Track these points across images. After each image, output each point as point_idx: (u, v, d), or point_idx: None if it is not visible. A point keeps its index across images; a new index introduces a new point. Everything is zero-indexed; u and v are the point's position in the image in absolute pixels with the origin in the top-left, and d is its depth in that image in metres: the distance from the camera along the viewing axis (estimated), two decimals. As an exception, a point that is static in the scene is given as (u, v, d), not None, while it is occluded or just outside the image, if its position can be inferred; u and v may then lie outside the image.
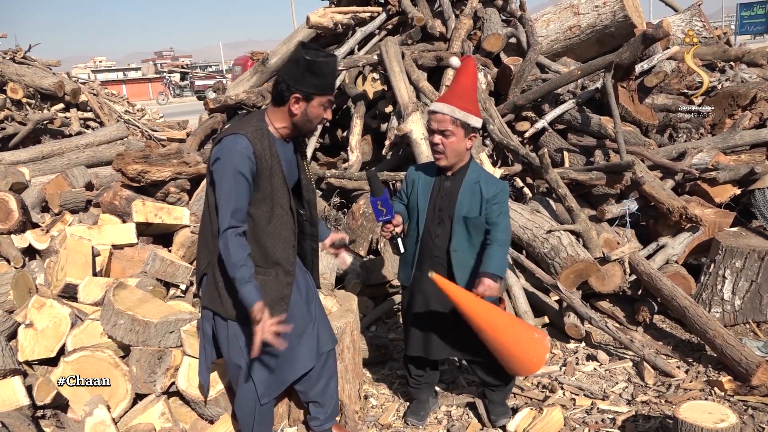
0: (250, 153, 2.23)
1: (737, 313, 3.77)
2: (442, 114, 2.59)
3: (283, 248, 2.40)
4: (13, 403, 2.76)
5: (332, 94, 2.35)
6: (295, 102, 2.26)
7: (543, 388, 3.31)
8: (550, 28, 5.87)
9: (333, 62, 2.27)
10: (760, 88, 5.29)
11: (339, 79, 5.87)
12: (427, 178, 2.78)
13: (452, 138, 2.60)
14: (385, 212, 2.58)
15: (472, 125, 2.61)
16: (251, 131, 2.27)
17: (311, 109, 2.29)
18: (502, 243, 2.64)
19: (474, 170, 2.73)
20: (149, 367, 2.88)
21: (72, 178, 5.12)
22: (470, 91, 2.67)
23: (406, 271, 2.87)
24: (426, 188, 2.77)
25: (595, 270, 3.76)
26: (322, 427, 2.73)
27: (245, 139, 2.24)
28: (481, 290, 2.53)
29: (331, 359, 2.67)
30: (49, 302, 3.18)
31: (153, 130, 10.66)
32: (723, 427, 2.36)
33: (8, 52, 9.58)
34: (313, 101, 2.27)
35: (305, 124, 2.34)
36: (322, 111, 2.33)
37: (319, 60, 2.20)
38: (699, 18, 6.75)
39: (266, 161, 2.28)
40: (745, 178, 4.36)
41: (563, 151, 4.68)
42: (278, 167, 2.32)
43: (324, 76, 2.24)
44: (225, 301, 2.36)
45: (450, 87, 2.74)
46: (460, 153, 2.65)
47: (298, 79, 2.22)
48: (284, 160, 2.36)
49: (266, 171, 2.29)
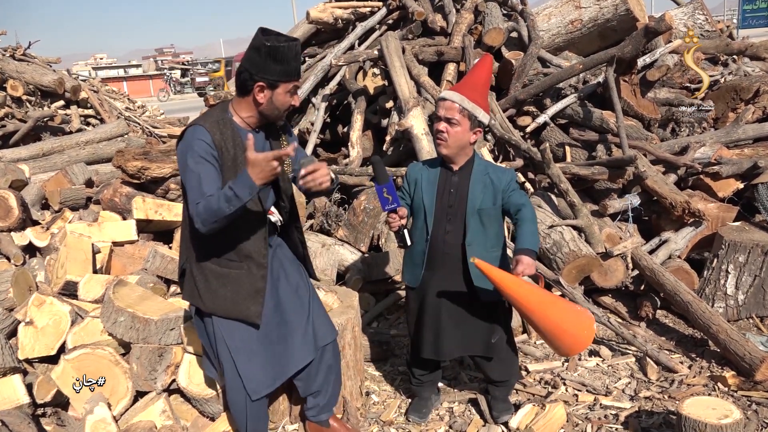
0: (209, 141, 2.18)
1: (740, 308, 3.75)
2: (451, 101, 2.56)
3: (253, 240, 2.35)
4: (13, 402, 2.76)
5: (298, 80, 2.27)
6: (259, 91, 2.20)
7: (545, 384, 3.30)
8: (551, 22, 5.84)
9: (295, 47, 2.18)
10: (763, 81, 5.26)
11: (339, 75, 5.86)
12: (431, 175, 2.73)
13: (457, 128, 2.56)
14: (391, 200, 2.53)
15: (479, 119, 2.59)
16: (210, 122, 2.23)
17: (277, 96, 2.22)
18: (532, 219, 2.60)
19: (480, 163, 2.71)
20: (150, 365, 2.87)
21: (72, 175, 5.11)
22: (483, 85, 2.64)
23: (414, 271, 2.78)
24: (431, 185, 2.71)
25: (598, 265, 3.74)
26: (318, 417, 2.69)
27: (202, 128, 2.19)
28: (520, 270, 2.45)
29: (329, 352, 2.62)
30: (50, 300, 3.17)
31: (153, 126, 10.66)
32: (727, 423, 2.35)
33: (8, 49, 9.57)
34: (278, 88, 2.20)
35: (272, 112, 2.27)
36: (289, 98, 2.25)
37: (281, 45, 2.12)
38: (701, 11, 6.72)
39: (228, 151, 2.23)
40: (748, 172, 4.33)
41: (565, 145, 4.66)
42: (244, 157, 2.21)
43: (287, 61, 2.16)
44: (203, 295, 2.34)
45: (464, 78, 2.71)
46: (462, 144, 2.61)
47: (260, 67, 2.15)
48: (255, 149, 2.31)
49: (228, 161, 2.24)
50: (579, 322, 2.52)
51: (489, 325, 2.75)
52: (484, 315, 2.74)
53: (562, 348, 2.56)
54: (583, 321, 2.53)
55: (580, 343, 2.53)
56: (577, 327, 2.51)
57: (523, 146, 4.47)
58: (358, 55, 5.51)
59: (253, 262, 2.37)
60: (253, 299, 2.36)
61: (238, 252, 2.34)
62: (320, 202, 4.76)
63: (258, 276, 2.37)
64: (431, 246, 2.71)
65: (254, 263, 2.37)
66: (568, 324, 2.50)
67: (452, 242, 2.69)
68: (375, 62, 5.56)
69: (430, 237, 2.70)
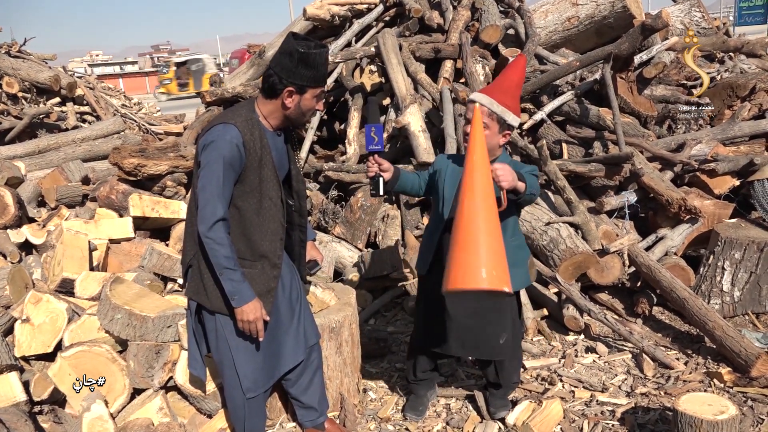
0: (240, 143, 2.20)
1: (736, 304, 3.76)
2: (481, 105, 2.54)
3: (270, 241, 2.37)
4: (10, 399, 2.75)
5: (324, 86, 2.32)
6: (288, 95, 2.24)
7: (542, 380, 3.31)
8: (548, 19, 5.84)
9: (325, 53, 2.23)
10: (759, 78, 5.27)
11: (336, 72, 5.85)
12: (456, 168, 2.71)
13: (486, 131, 2.52)
14: (377, 141, 2.53)
15: (508, 122, 2.56)
16: (241, 121, 2.24)
17: (304, 101, 2.27)
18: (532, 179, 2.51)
19: (504, 159, 2.68)
20: (147, 362, 2.87)
21: (68, 173, 5.10)
22: (515, 88, 2.61)
23: (425, 257, 2.80)
24: (454, 179, 2.69)
25: (594, 262, 3.75)
26: (315, 422, 2.74)
27: (235, 128, 2.21)
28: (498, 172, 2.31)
29: (314, 353, 2.66)
30: (46, 297, 3.16)
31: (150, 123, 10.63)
32: (722, 419, 2.36)
33: (3, 45, 9.52)
34: (306, 94, 2.25)
35: (298, 116, 2.32)
36: (315, 103, 2.30)
37: (312, 52, 2.17)
38: (698, 8, 6.72)
39: (255, 152, 2.25)
40: (744, 169, 4.34)
41: (562, 142, 4.66)
42: (269, 158, 2.29)
43: (317, 67, 2.21)
44: (210, 293, 2.34)
45: (495, 80, 2.69)
46: (491, 147, 2.57)
47: (291, 72, 2.19)
48: (275, 150, 2.33)
49: (255, 162, 2.26)
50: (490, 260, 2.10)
51: (497, 324, 2.75)
52: (492, 314, 2.73)
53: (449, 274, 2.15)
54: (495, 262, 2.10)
55: (471, 279, 2.09)
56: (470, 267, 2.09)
57: (520, 143, 4.47)
58: (354, 52, 5.50)
59: (268, 262, 2.38)
60: (264, 298, 2.37)
61: (253, 251, 2.35)
62: (317, 199, 4.76)
63: (271, 276, 2.39)
64: (443, 235, 2.70)
65: (269, 263, 2.39)
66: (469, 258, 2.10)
67: None
68: (372, 59, 5.55)
69: (444, 226, 2.70)
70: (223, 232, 2.20)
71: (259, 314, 2.29)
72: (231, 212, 2.29)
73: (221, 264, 2.21)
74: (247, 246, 2.34)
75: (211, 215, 2.18)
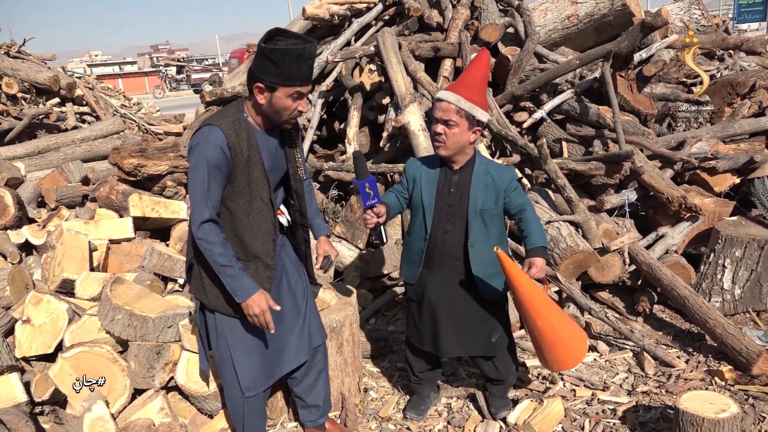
0: (224, 144, 2.16)
1: (737, 302, 3.76)
2: (448, 102, 2.50)
3: (262, 241, 2.36)
4: (10, 400, 2.75)
5: (300, 85, 2.17)
6: (258, 92, 2.18)
7: (543, 379, 3.30)
8: (547, 17, 5.83)
9: (297, 51, 2.07)
10: (759, 76, 5.26)
11: (336, 71, 5.84)
12: (430, 173, 2.69)
13: (455, 129, 2.51)
14: (372, 195, 2.51)
15: (477, 118, 2.52)
16: (226, 122, 2.20)
17: (276, 100, 2.17)
18: (536, 219, 2.63)
19: (481, 162, 2.66)
20: (147, 362, 2.87)
21: (68, 173, 5.10)
22: (480, 82, 2.57)
23: (412, 268, 2.77)
24: (430, 184, 2.67)
25: (595, 260, 3.75)
26: (317, 422, 2.74)
27: (219, 130, 2.17)
28: (534, 272, 2.49)
29: (320, 354, 2.66)
30: (47, 298, 3.16)
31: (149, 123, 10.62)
32: (724, 417, 2.36)
33: (2, 46, 9.52)
34: (277, 92, 2.15)
35: (274, 115, 2.23)
36: (291, 102, 2.19)
37: (277, 48, 2.06)
38: (697, 6, 6.71)
39: (242, 152, 2.21)
40: (744, 167, 4.34)
41: (562, 141, 4.66)
42: (257, 158, 2.25)
43: (284, 65, 2.09)
44: (208, 291, 2.34)
45: (460, 76, 2.65)
46: (461, 145, 2.56)
47: (259, 68, 2.13)
48: (266, 150, 2.29)
49: (242, 162, 2.23)
50: (576, 334, 2.56)
51: (489, 324, 2.75)
52: (484, 315, 2.73)
53: (557, 358, 2.59)
54: (580, 334, 2.58)
55: (574, 356, 2.59)
56: (573, 339, 2.54)
57: (520, 142, 4.47)
58: (354, 51, 5.49)
59: (261, 262, 2.37)
60: None
61: (246, 252, 2.34)
62: (317, 198, 4.76)
63: (264, 276, 2.37)
64: (429, 245, 2.69)
65: (262, 264, 2.37)
66: (566, 334, 2.53)
67: (452, 242, 2.66)
68: (371, 58, 5.54)
69: (429, 236, 2.67)
70: (211, 232, 2.18)
71: (264, 306, 2.25)
72: (222, 213, 2.28)
73: (217, 262, 2.20)
74: (239, 246, 2.33)
75: (199, 217, 2.18)
